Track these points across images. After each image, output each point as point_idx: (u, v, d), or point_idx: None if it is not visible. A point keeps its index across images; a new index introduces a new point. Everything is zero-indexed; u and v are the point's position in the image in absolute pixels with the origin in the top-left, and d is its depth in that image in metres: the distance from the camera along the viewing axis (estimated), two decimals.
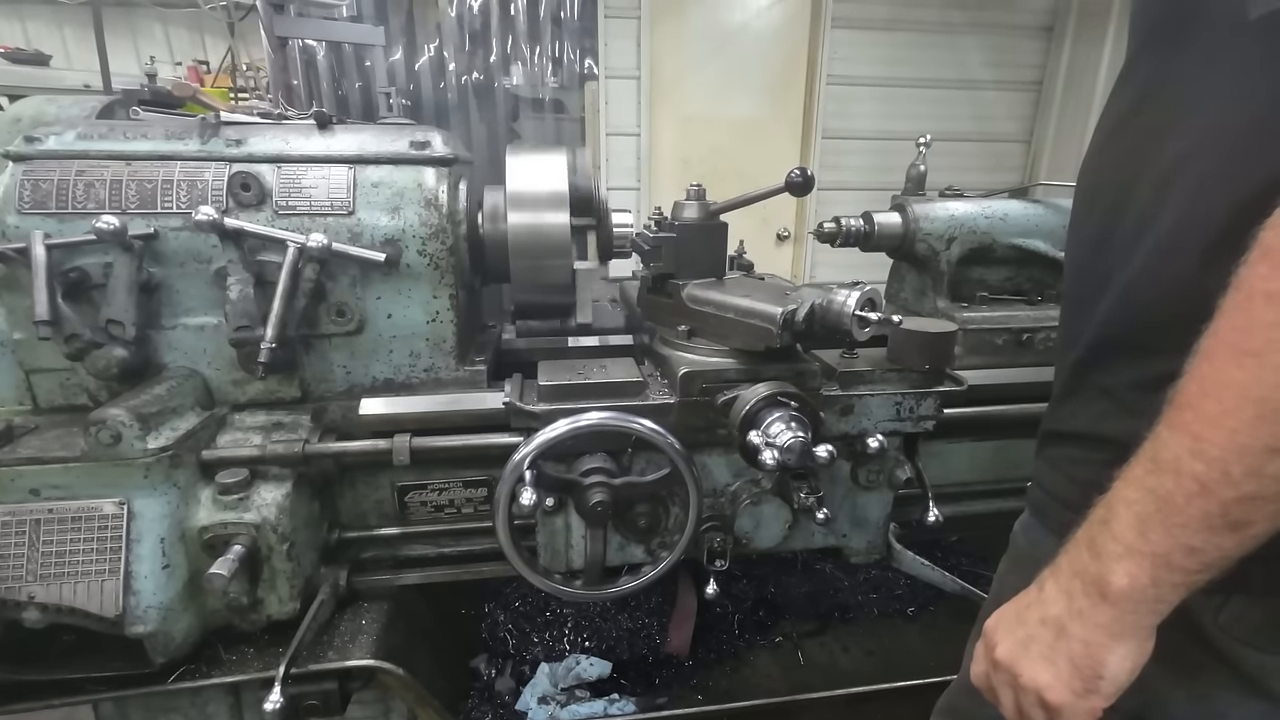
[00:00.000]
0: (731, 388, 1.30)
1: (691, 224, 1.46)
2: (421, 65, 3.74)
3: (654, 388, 1.38)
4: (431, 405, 1.45)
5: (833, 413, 1.40)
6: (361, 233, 1.39)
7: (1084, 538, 0.63)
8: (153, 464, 1.17)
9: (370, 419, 1.41)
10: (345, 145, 1.42)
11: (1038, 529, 0.86)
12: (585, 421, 1.17)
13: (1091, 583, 0.60)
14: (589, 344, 1.95)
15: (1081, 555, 0.63)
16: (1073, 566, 0.64)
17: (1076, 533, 0.65)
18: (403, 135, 1.46)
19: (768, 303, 1.26)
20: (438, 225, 1.42)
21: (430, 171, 1.44)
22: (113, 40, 5.95)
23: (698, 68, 4.04)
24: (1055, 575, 0.66)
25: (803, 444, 1.10)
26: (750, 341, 1.29)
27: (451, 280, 1.46)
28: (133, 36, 6.43)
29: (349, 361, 1.47)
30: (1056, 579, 0.65)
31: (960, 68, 4.20)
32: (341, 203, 1.38)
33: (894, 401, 1.43)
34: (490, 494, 1.54)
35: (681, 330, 1.41)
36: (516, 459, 1.17)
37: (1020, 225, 1.77)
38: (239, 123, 1.42)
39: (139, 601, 1.16)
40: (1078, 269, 0.85)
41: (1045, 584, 0.67)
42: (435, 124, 4.02)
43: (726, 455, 1.44)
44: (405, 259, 1.41)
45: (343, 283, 1.41)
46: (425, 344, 1.49)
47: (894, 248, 1.79)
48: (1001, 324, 1.74)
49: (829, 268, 4.35)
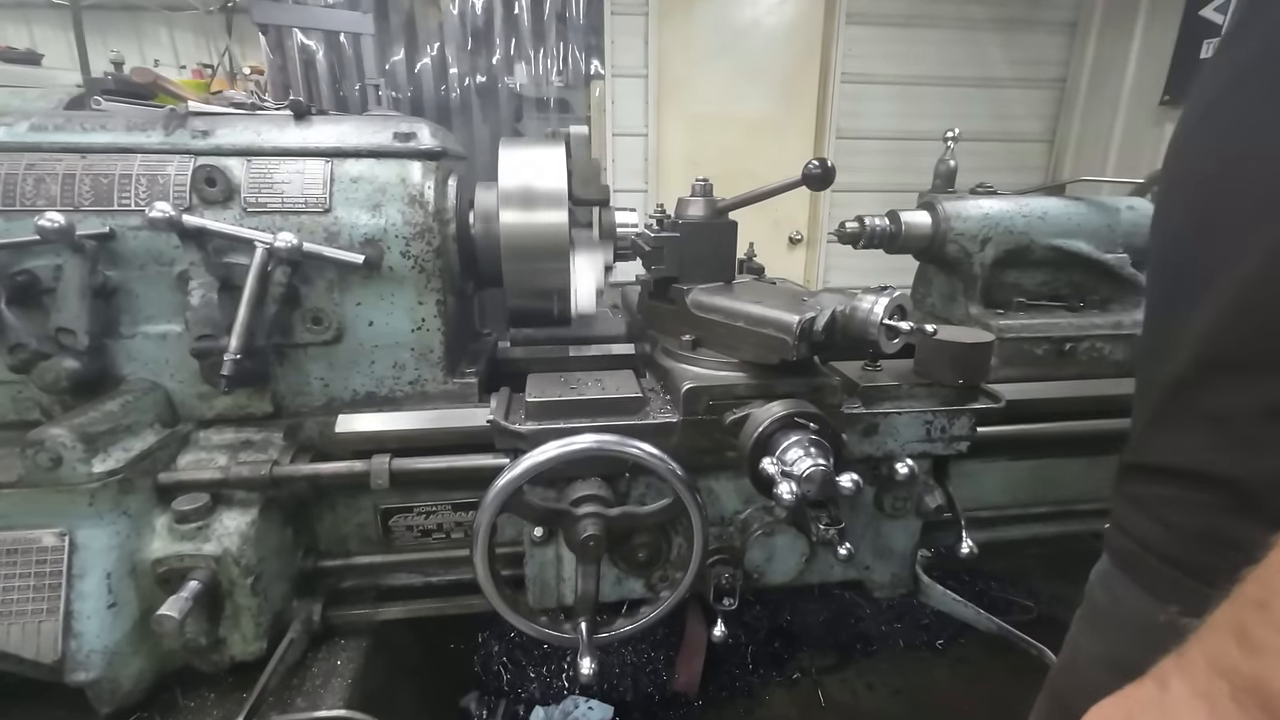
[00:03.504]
0: (742, 405, 1.16)
1: (697, 223, 1.33)
2: (423, 67, 3.64)
3: (655, 404, 1.24)
4: (415, 422, 1.32)
5: (855, 433, 1.26)
6: (339, 232, 1.27)
7: (1228, 623, 0.47)
8: (99, 490, 1.05)
9: (347, 438, 1.28)
10: (323, 137, 1.31)
11: (1123, 583, 0.70)
12: (576, 445, 1.04)
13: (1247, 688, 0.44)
14: (588, 354, 1.83)
15: (1227, 648, 0.46)
16: (1214, 662, 0.47)
17: (1213, 614, 0.49)
18: (386, 126, 1.34)
19: (783, 310, 1.12)
20: (423, 224, 1.30)
21: (416, 166, 1.32)
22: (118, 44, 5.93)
23: (707, 66, 3.91)
24: (1186, 670, 0.49)
25: (824, 473, 0.96)
26: (763, 353, 1.15)
27: (439, 285, 1.33)
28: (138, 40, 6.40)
29: (327, 373, 1.35)
30: (1189, 676, 0.49)
31: (980, 65, 4.05)
32: (317, 199, 1.26)
33: (923, 420, 1.29)
34: None
35: (686, 340, 1.28)
36: (498, 486, 1.04)
37: (1060, 225, 1.63)
38: (207, 113, 1.30)
39: (81, 645, 1.03)
40: (1167, 266, 0.71)
41: (1170, 681, 0.50)
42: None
43: (735, 479, 1.30)
44: (387, 261, 1.29)
45: (319, 287, 1.29)
46: (410, 354, 1.37)
47: (922, 249, 1.65)
48: (1041, 333, 1.59)
49: (844, 272, 4.20)
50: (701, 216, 1.33)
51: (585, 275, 1.45)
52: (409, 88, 3.62)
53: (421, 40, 3.59)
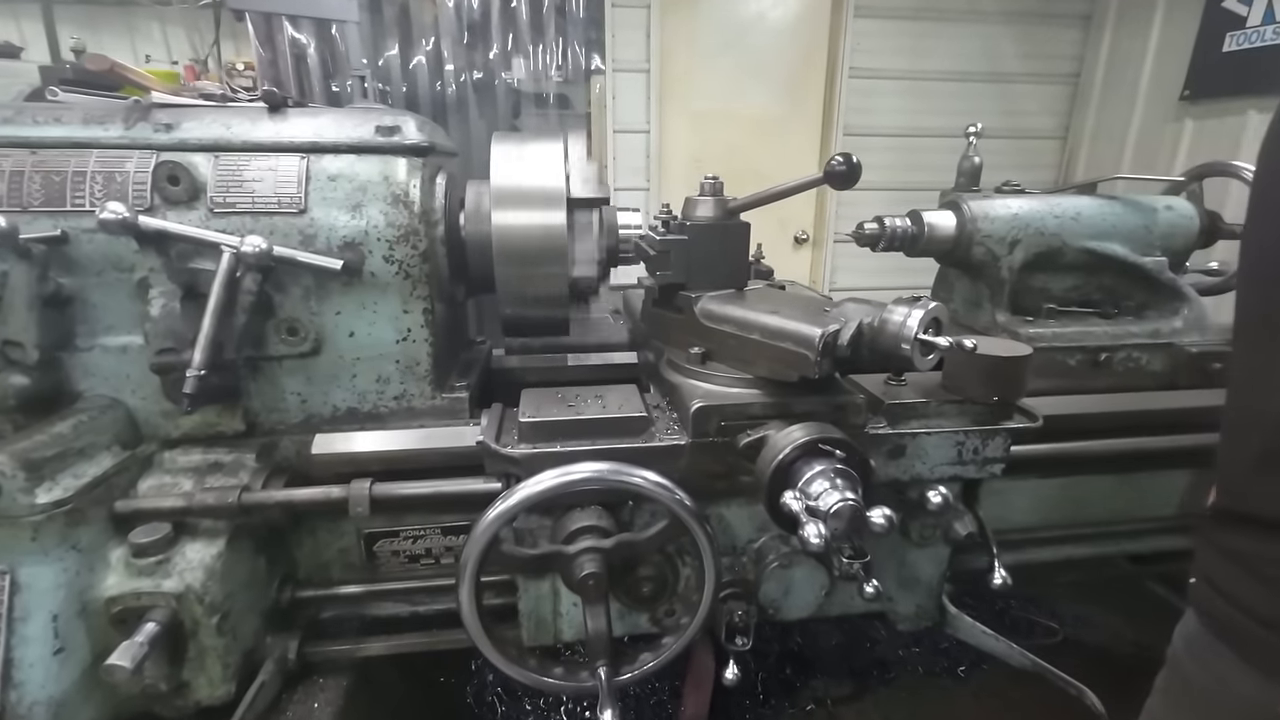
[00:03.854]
0: (757, 426, 1.06)
1: (706, 224, 1.22)
2: (417, 63, 3.52)
3: (661, 424, 1.13)
4: (400, 442, 1.21)
5: (880, 455, 1.15)
6: (315, 235, 1.16)
7: None
8: (43, 523, 0.95)
9: (325, 460, 1.18)
10: (299, 131, 1.20)
11: (1223, 657, 0.60)
12: (573, 476, 0.93)
13: None
14: (588, 363, 1.72)
15: None
16: None
17: None
18: (369, 120, 1.23)
19: (803, 322, 1.01)
20: (408, 226, 1.19)
21: (400, 162, 1.21)
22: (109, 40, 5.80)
23: (711, 60, 3.80)
24: None
25: (854, 509, 0.85)
26: (781, 369, 1.04)
27: (426, 292, 1.23)
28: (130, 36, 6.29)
29: (304, 388, 1.25)
30: None
31: (991, 59, 3.93)
32: (291, 199, 1.16)
33: (954, 442, 1.18)
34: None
35: (694, 353, 1.17)
36: (489, 519, 0.93)
37: (1094, 226, 1.52)
38: (173, 105, 1.20)
39: (22, 696, 0.93)
40: (1268, 279, 0.60)
41: None
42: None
43: (748, 505, 1.19)
44: (369, 266, 1.18)
45: (294, 295, 1.18)
46: (395, 367, 1.26)
47: (945, 252, 1.54)
48: (1074, 341, 1.49)
49: (852, 273, 4.08)
50: (711, 217, 1.22)
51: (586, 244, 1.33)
52: (403, 83, 3.51)
53: (416, 35, 3.48)
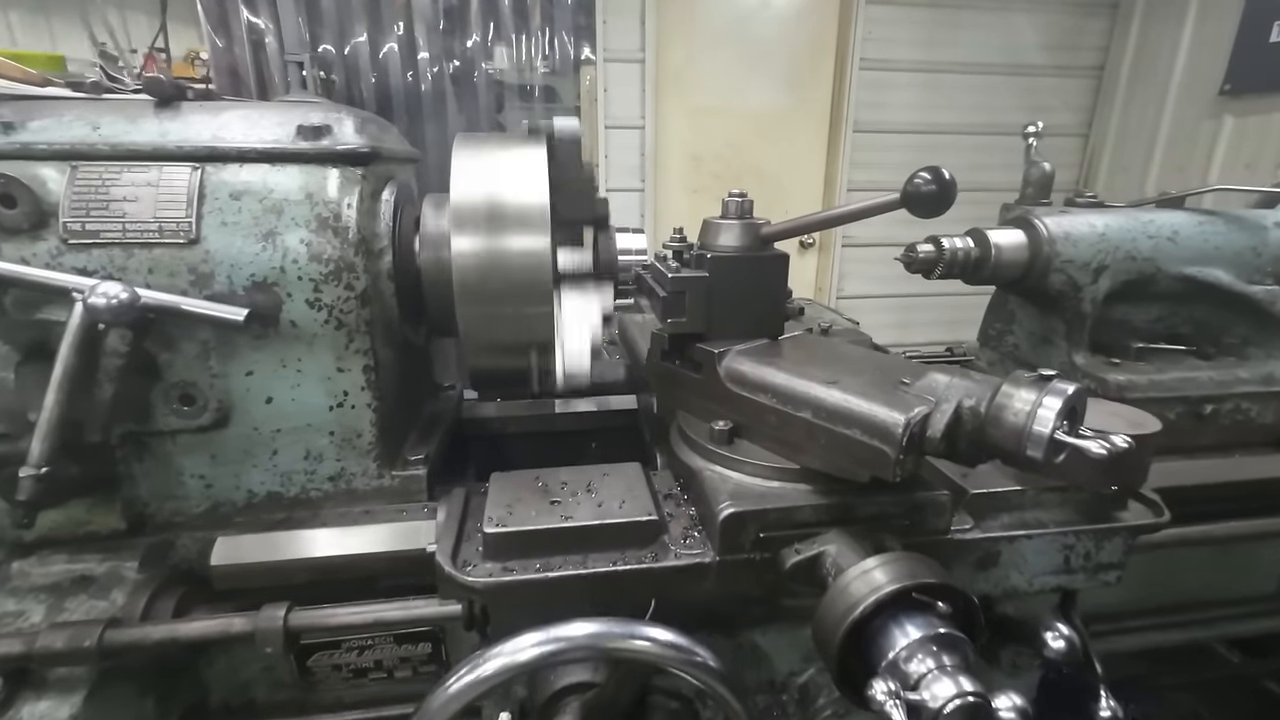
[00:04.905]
0: (808, 537, 0.78)
1: (733, 256, 0.93)
2: (388, 50, 3.20)
3: (676, 525, 0.85)
4: (332, 544, 0.93)
5: (965, 565, 0.88)
6: (212, 273, 0.87)
7: None
8: None
9: (228, 572, 0.88)
10: (193, 132, 0.90)
11: None
12: (560, 642, 0.65)
13: None
14: (579, 409, 1.44)
15: None
16: None
17: None
18: (291, 117, 0.94)
19: (877, 401, 0.73)
20: (339, 259, 0.90)
21: (330, 174, 0.92)
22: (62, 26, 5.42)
23: (711, 50, 3.50)
24: None
25: (977, 707, 0.57)
26: (844, 465, 0.76)
27: (366, 343, 0.94)
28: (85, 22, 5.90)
29: (209, 469, 0.96)
30: None
31: (1010, 50, 3.67)
32: (178, 224, 0.86)
33: (1061, 545, 0.90)
34: (436, 650, 1.03)
35: (720, 430, 0.89)
36: (439, 701, 0.65)
37: (1195, 248, 1.25)
38: (17, 97, 0.89)
39: None
40: None
41: None
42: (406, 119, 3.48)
43: (791, 630, 0.91)
44: (288, 314, 0.89)
45: (186, 353, 0.89)
46: (329, 440, 0.97)
47: (1015, 279, 1.26)
48: (1174, 391, 1.22)
49: (861, 280, 3.82)
50: (738, 247, 0.94)
51: (576, 324, 1.05)
52: (372, 74, 3.19)
53: (386, 19, 3.16)
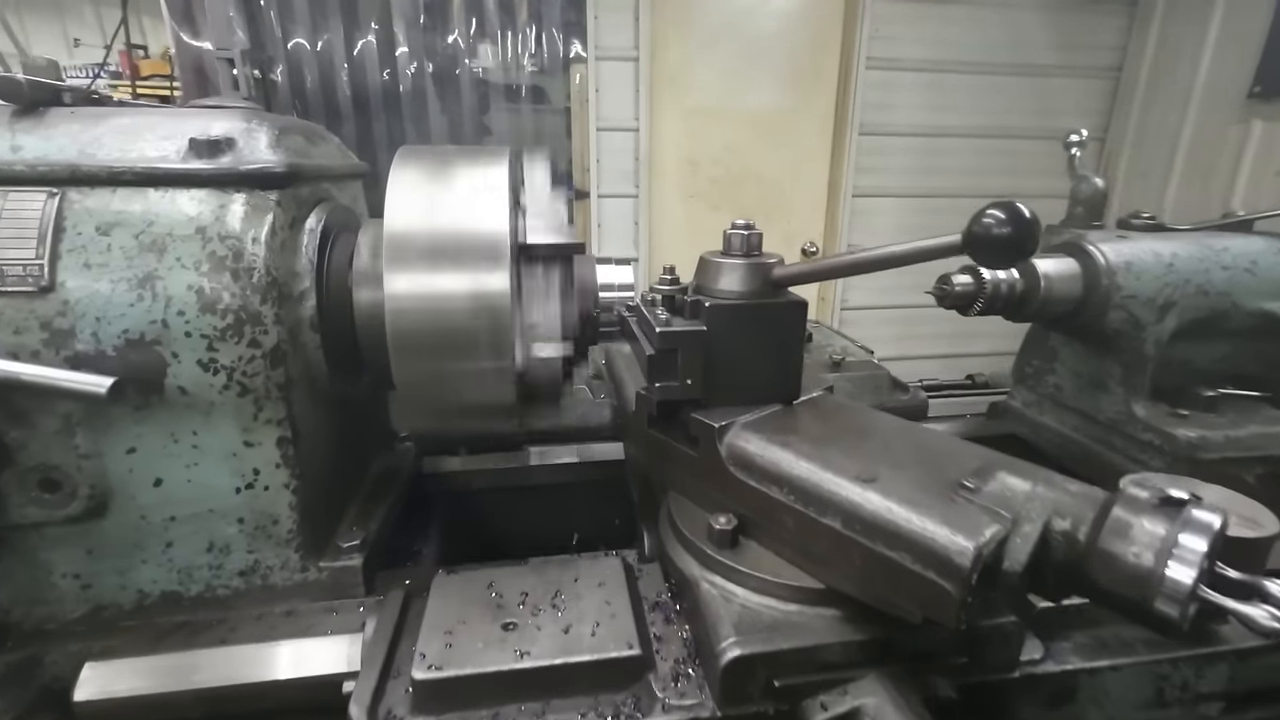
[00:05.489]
0: (837, 686, 0.59)
1: (736, 305, 0.74)
2: (364, 45, 3.00)
3: (666, 655, 0.66)
4: (230, 670, 0.73)
5: (1034, 704, 0.69)
6: (72, 329, 0.68)
7: None
8: None
9: (94, 710, 0.69)
10: (52, 148, 0.71)
11: None
12: None
13: None
14: (557, 461, 1.25)
15: None
16: None
17: None
18: (185, 128, 0.75)
19: (932, 515, 0.54)
20: (242, 308, 0.71)
21: (234, 201, 0.73)
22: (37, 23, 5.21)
23: (709, 48, 3.32)
24: None
25: None
26: (889, 596, 0.58)
27: (281, 411, 0.75)
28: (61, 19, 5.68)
29: (86, 566, 0.77)
30: None
31: (1023, 50, 3.49)
32: (26, 266, 0.67)
33: (1154, 675, 0.72)
34: None
35: (722, 529, 0.70)
36: None
37: (1274, 279, 1.07)
38: None
39: None
40: None
41: None
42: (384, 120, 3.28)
43: None
44: (174, 378, 0.70)
45: (44, 429, 0.70)
46: (237, 528, 0.79)
47: (1066, 315, 1.08)
48: (1252, 449, 1.04)
49: (865, 291, 3.63)
50: (743, 292, 0.75)
51: (542, 311, 0.86)
52: (345, 71, 2.99)
53: (362, 13, 2.96)
